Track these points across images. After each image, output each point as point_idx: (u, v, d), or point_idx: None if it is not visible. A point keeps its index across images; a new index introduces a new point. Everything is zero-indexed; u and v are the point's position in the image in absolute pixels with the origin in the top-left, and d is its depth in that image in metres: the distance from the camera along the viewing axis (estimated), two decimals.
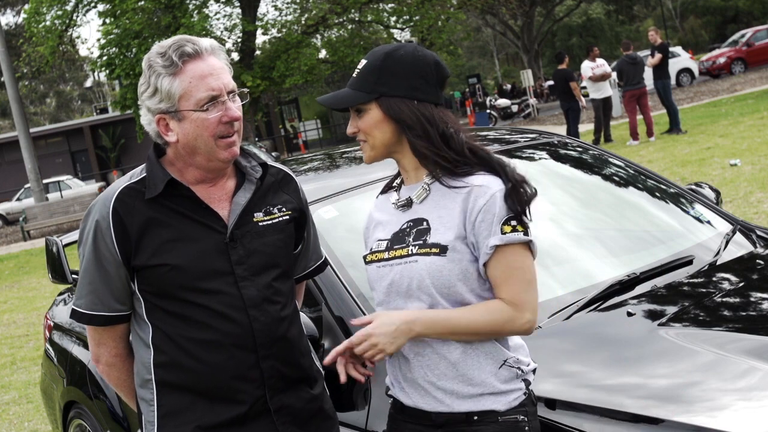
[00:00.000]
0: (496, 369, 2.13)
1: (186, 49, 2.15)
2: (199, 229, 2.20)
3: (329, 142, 40.65)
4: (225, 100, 2.17)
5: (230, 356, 2.19)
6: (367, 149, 2.21)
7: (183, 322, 2.19)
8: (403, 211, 2.22)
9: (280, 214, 2.30)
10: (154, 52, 2.19)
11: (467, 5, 28.13)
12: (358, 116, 2.19)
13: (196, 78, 2.14)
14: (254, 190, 2.27)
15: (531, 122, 29.52)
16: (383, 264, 2.19)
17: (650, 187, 3.70)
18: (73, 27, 25.76)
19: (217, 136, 2.16)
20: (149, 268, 2.17)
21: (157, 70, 2.15)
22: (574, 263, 3.08)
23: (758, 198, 8.87)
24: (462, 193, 2.13)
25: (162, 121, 2.18)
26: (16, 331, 10.05)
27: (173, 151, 2.22)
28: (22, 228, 23.67)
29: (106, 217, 2.17)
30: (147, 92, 2.18)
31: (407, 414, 2.21)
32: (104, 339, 2.31)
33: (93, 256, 2.20)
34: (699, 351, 2.45)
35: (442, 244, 2.10)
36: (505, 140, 3.80)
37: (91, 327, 2.31)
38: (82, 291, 2.25)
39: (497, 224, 2.07)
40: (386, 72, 2.15)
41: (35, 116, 66.05)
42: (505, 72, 65.18)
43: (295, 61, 24.00)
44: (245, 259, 2.21)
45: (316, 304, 2.81)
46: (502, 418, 2.11)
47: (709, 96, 24.90)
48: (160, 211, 2.19)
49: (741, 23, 54.38)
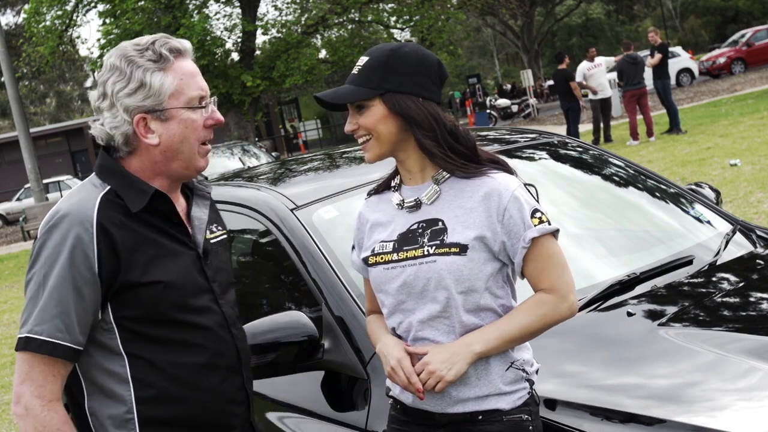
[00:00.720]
0: (503, 371, 2.14)
1: (174, 45, 2.03)
2: (174, 245, 2.05)
3: (329, 142, 40.63)
4: (210, 102, 2.09)
5: (224, 379, 2.08)
6: (371, 146, 2.17)
7: (172, 348, 2.01)
8: (409, 212, 2.20)
9: (219, 232, 2.22)
10: (129, 48, 2.02)
11: (467, 5, 28.12)
12: (358, 113, 2.16)
13: (187, 75, 2.03)
14: (209, 206, 2.19)
15: (531, 122, 29.52)
16: (392, 265, 2.17)
17: (650, 187, 3.70)
18: (73, 27, 25.74)
19: (200, 140, 2.06)
20: (141, 287, 1.97)
21: (142, 65, 1.98)
22: (574, 263, 3.06)
23: (758, 198, 8.87)
24: (479, 192, 2.13)
25: (142, 122, 2.00)
26: (16, 331, 10.02)
27: (144, 158, 2.04)
28: (22, 228, 23.68)
29: (89, 230, 1.93)
30: (127, 89, 1.98)
31: (409, 414, 2.20)
32: (42, 375, 1.94)
33: (68, 274, 1.92)
34: (699, 351, 2.45)
35: (462, 244, 2.10)
36: (505, 140, 3.80)
37: (29, 357, 1.94)
38: (44, 315, 1.92)
39: (528, 218, 2.10)
40: (391, 69, 2.13)
41: (35, 116, 66.04)
42: (505, 72, 65.16)
43: (295, 61, 24.00)
44: (216, 276, 2.13)
45: (316, 304, 2.81)
46: (506, 418, 2.12)
47: (709, 96, 24.89)
48: (140, 225, 2.01)
49: (741, 23, 54.37)
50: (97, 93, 2.05)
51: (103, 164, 2.07)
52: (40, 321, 1.92)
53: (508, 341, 2.10)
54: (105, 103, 2.02)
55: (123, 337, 2.00)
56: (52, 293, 1.93)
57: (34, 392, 1.94)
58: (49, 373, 1.94)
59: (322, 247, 2.87)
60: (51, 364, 1.94)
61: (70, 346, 1.94)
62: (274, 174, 3.74)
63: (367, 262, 2.24)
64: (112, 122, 2.02)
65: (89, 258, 1.93)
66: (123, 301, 1.98)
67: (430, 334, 2.14)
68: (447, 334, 2.12)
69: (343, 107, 2.19)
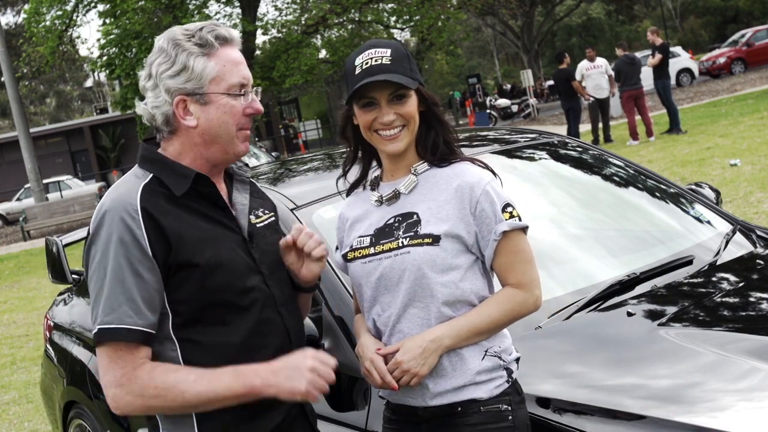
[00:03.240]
0: (479, 360, 2.16)
1: (221, 32, 2.07)
2: (218, 228, 2.08)
3: (329, 142, 40.62)
4: (251, 91, 2.12)
5: (273, 358, 2.06)
6: (404, 135, 2.19)
7: (222, 329, 2.04)
8: (388, 205, 2.24)
9: (266, 216, 2.25)
10: (178, 32, 2.07)
11: (467, 5, 28.13)
12: (398, 102, 2.17)
13: (231, 63, 2.07)
14: (249, 191, 2.23)
15: (531, 122, 29.52)
16: (369, 259, 2.20)
17: (650, 187, 3.69)
18: (73, 27, 25.74)
19: (239, 127, 2.10)
20: (190, 269, 2.00)
21: (188, 49, 2.03)
22: (574, 263, 3.08)
23: (758, 198, 8.87)
24: (453, 184, 2.18)
25: (182, 104, 2.05)
26: (16, 331, 10.05)
27: (185, 140, 2.09)
28: (22, 228, 23.67)
29: (135, 217, 1.97)
30: (170, 71, 2.04)
31: (397, 413, 2.24)
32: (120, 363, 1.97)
33: (124, 261, 1.95)
34: (699, 351, 2.45)
35: (435, 234, 2.14)
36: (505, 140, 3.80)
37: (105, 349, 1.97)
38: (111, 305, 1.95)
39: (499, 212, 2.14)
40: (412, 61, 2.21)
41: (35, 116, 66.04)
42: (505, 72, 65.15)
43: (295, 61, 24.01)
44: (264, 258, 2.15)
45: (316, 304, 2.81)
46: (484, 408, 2.14)
47: (709, 96, 24.89)
48: (184, 209, 2.04)
49: (741, 23, 54.36)
50: (144, 73, 2.10)
51: (144, 155, 2.13)
52: (108, 311, 1.96)
53: (476, 334, 2.14)
54: (149, 83, 2.08)
55: (175, 322, 2.03)
56: (113, 283, 1.96)
57: (115, 381, 1.97)
58: (128, 360, 1.97)
59: None
60: (127, 351, 1.97)
61: (142, 330, 1.97)
62: (274, 174, 3.74)
63: (346, 258, 2.27)
64: (155, 102, 2.07)
65: (140, 242, 1.97)
66: (175, 285, 2.01)
67: (406, 327, 2.16)
68: (422, 326, 2.15)
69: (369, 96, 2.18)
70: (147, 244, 1.97)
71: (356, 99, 2.19)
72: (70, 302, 4.65)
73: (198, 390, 1.96)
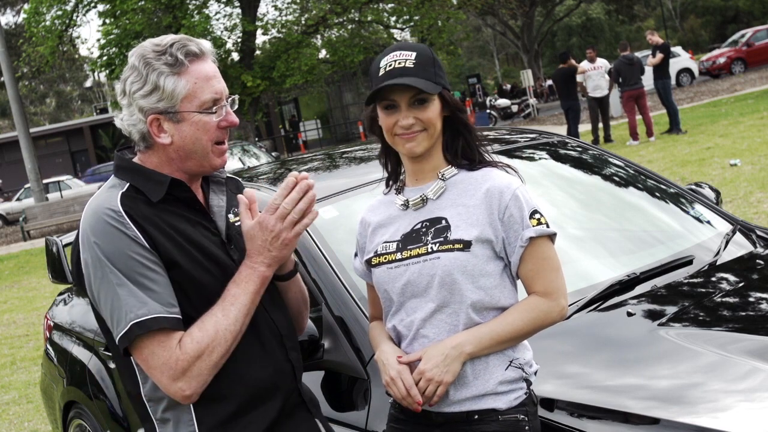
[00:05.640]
0: (502, 370, 2.13)
1: (191, 48, 2.08)
2: (197, 231, 2.11)
3: (329, 142, 40.62)
4: (225, 104, 2.13)
5: (263, 352, 2.14)
6: (423, 138, 2.16)
7: None
8: (414, 210, 2.21)
9: None
10: (149, 49, 2.08)
11: (467, 5, 28.14)
12: (419, 106, 2.15)
13: (202, 79, 2.08)
14: (226, 192, 2.25)
15: (531, 122, 29.51)
16: (396, 265, 2.18)
17: (650, 187, 3.69)
18: (73, 27, 25.75)
19: (214, 141, 2.11)
20: (175, 270, 2.04)
21: (158, 68, 2.05)
22: (574, 263, 3.08)
23: (758, 198, 8.87)
24: (481, 189, 2.15)
25: (155, 122, 2.08)
26: (16, 331, 10.05)
27: (161, 155, 2.11)
28: (22, 228, 23.67)
29: (121, 219, 2.00)
30: (142, 90, 2.06)
31: (407, 413, 2.21)
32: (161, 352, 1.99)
33: (126, 259, 1.98)
34: (700, 351, 2.44)
35: (465, 240, 2.11)
36: (505, 140, 3.80)
37: (143, 342, 1.98)
38: (135, 302, 1.97)
39: (527, 218, 2.12)
40: (439, 66, 2.18)
41: (35, 116, 66.06)
42: (505, 72, 65.17)
43: (295, 61, 24.02)
44: (242, 259, 2.16)
45: (316, 304, 2.81)
46: (502, 417, 2.11)
47: (709, 96, 24.90)
48: (162, 214, 2.07)
49: (741, 23, 54.37)
50: (119, 89, 2.13)
51: (119, 164, 2.16)
52: (134, 308, 1.97)
53: (499, 342, 2.11)
54: (125, 101, 2.11)
55: None
56: (123, 284, 1.98)
57: (163, 373, 2.00)
58: (167, 347, 1.99)
59: (322, 247, 2.87)
60: (164, 339, 1.99)
61: (172, 316, 1.99)
62: (274, 174, 3.74)
63: (371, 264, 2.24)
64: (129, 119, 2.11)
65: (135, 238, 2.00)
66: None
67: (431, 332, 2.14)
68: (448, 332, 2.12)
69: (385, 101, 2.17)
70: (144, 242, 2.01)
71: (379, 101, 2.18)
72: (70, 302, 4.66)
73: (234, 315, 2.03)
